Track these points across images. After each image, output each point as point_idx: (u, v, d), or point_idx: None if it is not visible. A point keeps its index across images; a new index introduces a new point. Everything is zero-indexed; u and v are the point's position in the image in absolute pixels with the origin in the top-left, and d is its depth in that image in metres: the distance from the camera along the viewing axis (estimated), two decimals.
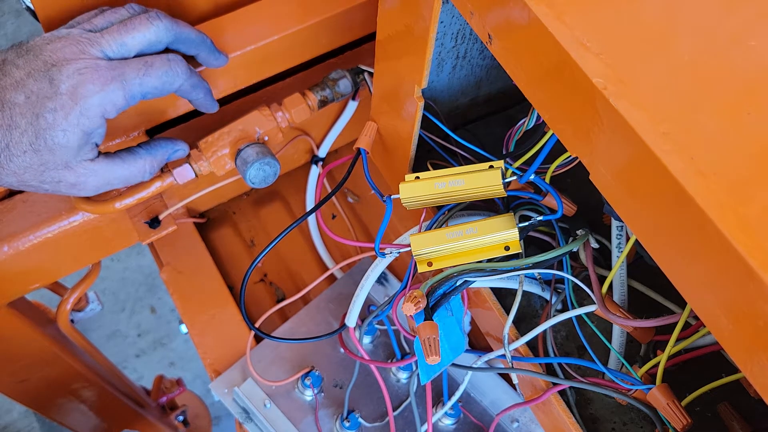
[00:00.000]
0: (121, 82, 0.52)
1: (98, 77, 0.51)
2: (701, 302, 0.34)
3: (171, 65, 0.55)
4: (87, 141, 0.53)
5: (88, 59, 0.52)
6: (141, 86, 0.54)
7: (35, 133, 0.50)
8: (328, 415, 0.71)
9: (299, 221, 0.61)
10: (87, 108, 0.51)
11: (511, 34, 0.40)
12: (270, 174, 0.68)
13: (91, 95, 0.51)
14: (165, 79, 0.55)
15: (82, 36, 0.53)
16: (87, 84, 0.51)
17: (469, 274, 0.51)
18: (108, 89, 0.52)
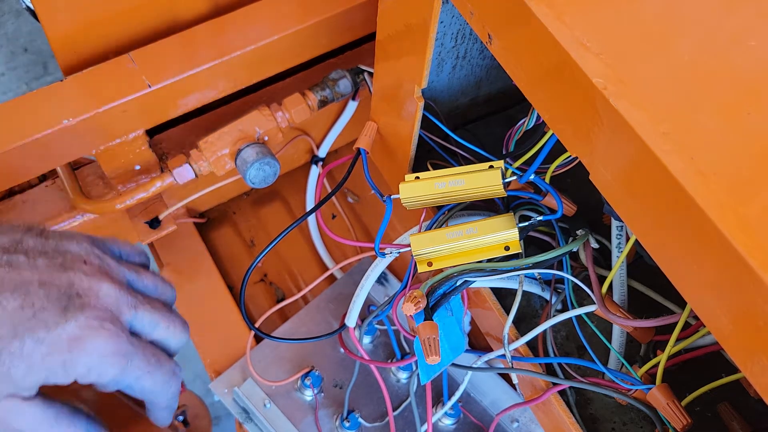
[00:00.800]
0: (127, 363, 0.43)
1: (111, 344, 0.41)
2: (701, 302, 0.34)
3: (171, 379, 0.46)
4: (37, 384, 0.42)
5: (116, 319, 0.42)
6: (137, 380, 0.44)
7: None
8: (328, 415, 0.71)
9: (299, 221, 0.61)
10: (73, 364, 0.40)
11: (511, 34, 0.40)
12: (270, 174, 0.68)
13: (87, 354, 0.41)
14: (159, 389, 0.46)
15: (125, 288, 0.44)
16: (95, 342, 0.41)
17: (469, 274, 0.50)
18: (107, 360, 0.41)
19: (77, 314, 0.40)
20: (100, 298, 0.42)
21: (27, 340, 0.38)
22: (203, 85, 0.68)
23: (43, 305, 0.39)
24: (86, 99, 0.63)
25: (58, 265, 0.42)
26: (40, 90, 0.64)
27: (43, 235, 0.44)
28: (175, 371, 0.47)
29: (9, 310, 0.39)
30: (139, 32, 0.70)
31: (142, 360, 0.44)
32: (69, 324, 0.40)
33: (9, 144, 0.61)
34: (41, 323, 0.39)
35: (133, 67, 0.66)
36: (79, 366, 0.40)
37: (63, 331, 0.39)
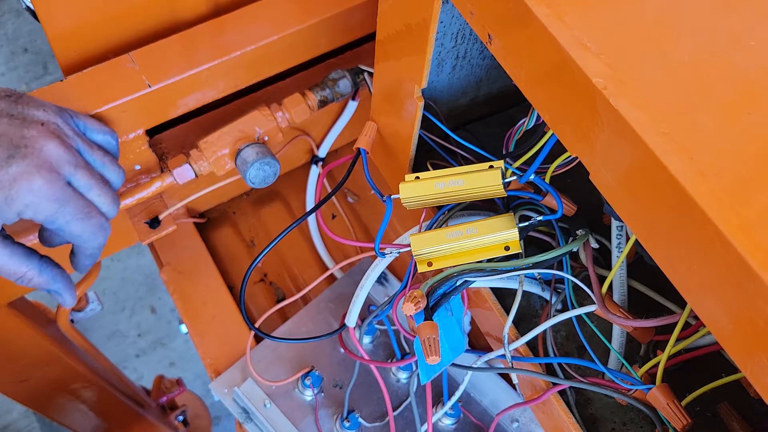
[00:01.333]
0: (58, 206, 0.50)
1: (46, 187, 0.49)
2: (701, 302, 0.34)
3: (99, 231, 0.53)
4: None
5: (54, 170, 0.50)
6: (67, 224, 0.51)
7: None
8: (328, 415, 0.71)
9: (299, 221, 0.61)
10: (13, 198, 0.48)
11: (511, 34, 0.40)
12: (270, 174, 0.68)
13: (24, 193, 0.48)
14: (86, 237, 0.53)
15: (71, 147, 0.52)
16: (32, 183, 0.48)
17: (469, 274, 0.50)
18: (43, 200, 0.49)
19: (19, 160, 0.48)
20: (44, 151, 0.49)
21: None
22: (203, 85, 0.68)
23: (6, 139, 0.48)
24: (86, 99, 0.63)
25: (17, 124, 0.49)
26: (40, 90, 0.64)
27: (15, 99, 0.51)
28: (105, 226, 0.54)
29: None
30: (139, 32, 0.70)
31: (75, 207, 0.51)
32: (11, 167, 0.47)
33: None
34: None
35: (133, 67, 0.66)
36: (18, 201, 0.48)
37: (6, 173, 0.47)
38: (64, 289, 0.56)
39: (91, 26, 0.67)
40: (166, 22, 0.71)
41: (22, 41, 2.42)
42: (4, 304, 0.74)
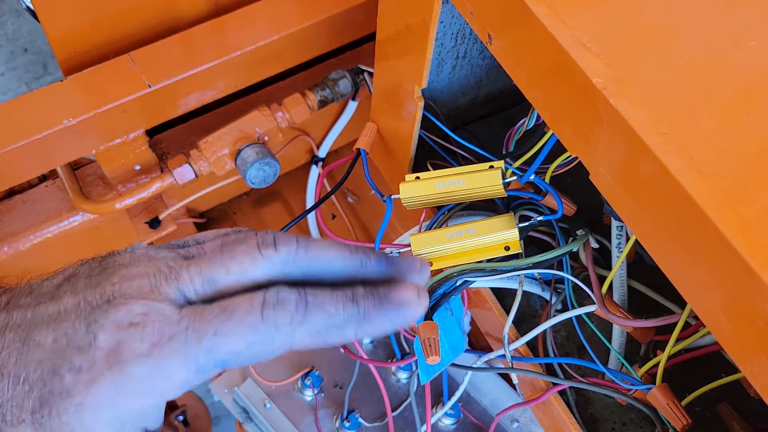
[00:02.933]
0: (182, 345, 0.33)
1: (150, 334, 0.33)
2: (701, 302, 0.34)
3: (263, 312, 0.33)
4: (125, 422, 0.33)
5: (152, 305, 0.33)
6: (211, 353, 0.33)
7: (41, 398, 0.32)
8: (328, 415, 0.71)
9: (298, 219, 0.61)
10: (124, 380, 0.32)
11: (511, 34, 0.40)
12: (270, 174, 0.68)
13: (131, 361, 0.32)
14: (252, 338, 0.33)
15: (168, 263, 0.35)
16: (133, 342, 0.32)
17: (469, 274, 0.50)
18: (159, 356, 0.32)
19: (103, 321, 0.33)
20: (131, 292, 0.34)
21: (64, 374, 0.32)
22: (203, 85, 0.68)
23: (75, 329, 0.33)
24: (86, 99, 0.63)
25: (99, 282, 0.35)
26: (40, 90, 0.64)
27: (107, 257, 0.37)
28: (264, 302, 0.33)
29: (47, 347, 0.33)
30: (139, 32, 0.70)
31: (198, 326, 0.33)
32: (98, 339, 0.32)
33: (9, 144, 0.61)
34: (74, 349, 0.32)
35: (133, 67, 0.66)
36: (135, 381, 0.32)
37: (96, 348, 0.32)
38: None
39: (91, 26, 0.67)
40: (166, 22, 0.71)
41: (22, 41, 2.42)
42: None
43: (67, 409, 0.32)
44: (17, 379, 0.32)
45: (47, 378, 0.32)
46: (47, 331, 0.33)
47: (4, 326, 0.33)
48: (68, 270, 0.36)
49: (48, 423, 0.32)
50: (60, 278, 0.36)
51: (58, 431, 0.32)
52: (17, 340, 0.33)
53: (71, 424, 0.32)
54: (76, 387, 0.32)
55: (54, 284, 0.35)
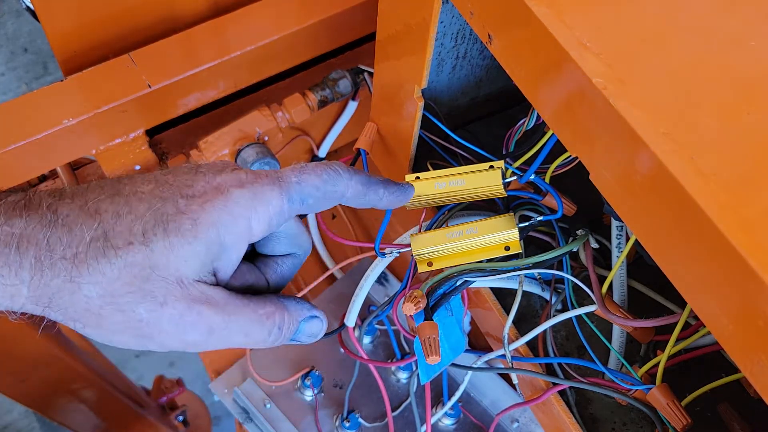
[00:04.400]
0: (278, 178, 0.39)
1: (250, 172, 0.39)
2: (701, 302, 0.34)
3: (331, 164, 0.41)
4: (213, 257, 0.36)
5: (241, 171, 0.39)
6: (299, 186, 0.39)
7: (155, 219, 0.35)
8: (328, 415, 0.71)
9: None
10: (235, 201, 0.37)
11: (511, 34, 0.40)
12: None
13: (241, 187, 0.37)
14: (326, 177, 0.40)
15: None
16: (239, 175, 0.38)
17: (469, 274, 0.50)
18: (263, 184, 0.38)
19: (207, 172, 0.38)
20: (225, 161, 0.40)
21: (178, 200, 0.35)
22: (203, 85, 0.68)
23: (175, 177, 0.37)
24: (86, 99, 0.63)
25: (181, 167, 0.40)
26: (40, 90, 0.64)
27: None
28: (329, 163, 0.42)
29: (147, 191, 0.36)
30: (139, 32, 0.70)
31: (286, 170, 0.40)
32: (207, 175, 0.38)
33: (9, 144, 0.61)
34: (182, 185, 0.36)
35: (133, 67, 0.66)
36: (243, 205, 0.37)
37: (206, 183, 0.37)
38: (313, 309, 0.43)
39: (91, 26, 0.67)
40: (166, 22, 0.71)
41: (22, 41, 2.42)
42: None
43: (183, 224, 0.34)
44: (116, 214, 0.34)
45: (158, 205, 0.35)
46: (145, 184, 0.36)
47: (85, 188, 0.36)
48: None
49: (162, 239, 0.34)
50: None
51: (170, 247, 0.34)
52: (107, 192, 0.35)
53: (186, 238, 0.34)
54: (190, 207, 0.35)
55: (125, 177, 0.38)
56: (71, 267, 0.33)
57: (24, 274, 0.33)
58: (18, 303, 0.34)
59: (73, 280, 0.33)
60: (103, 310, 0.34)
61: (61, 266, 0.33)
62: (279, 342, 0.40)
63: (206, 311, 0.36)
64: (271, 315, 0.39)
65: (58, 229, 0.33)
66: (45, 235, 0.33)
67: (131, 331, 0.35)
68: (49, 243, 0.33)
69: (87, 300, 0.33)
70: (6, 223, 0.33)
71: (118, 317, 0.34)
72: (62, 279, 0.33)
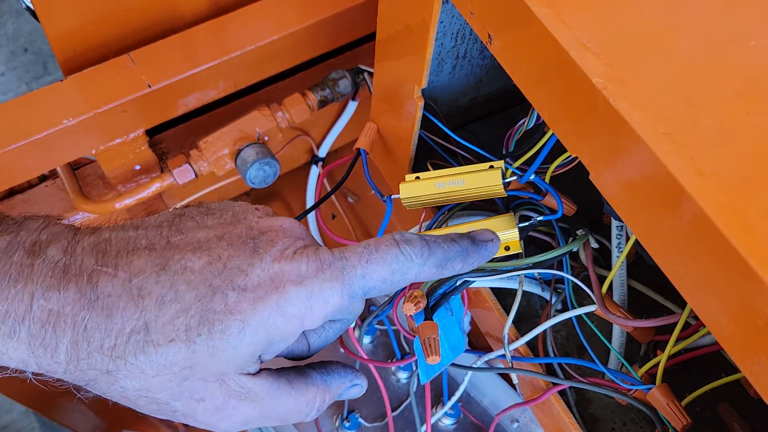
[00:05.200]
0: (341, 269, 0.36)
1: (314, 260, 0.36)
2: (701, 302, 0.34)
3: (401, 247, 0.38)
4: (259, 352, 0.35)
5: (305, 240, 0.39)
6: (362, 279, 0.36)
7: (201, 315, 0.32)
8: (328, 415, 0.71)
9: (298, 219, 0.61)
10: (288, 300, 0.34)
11: (511, 34, 0.40)
12: (270, 174, 0.68)
13: (299, 282, 0.34)
14: (395, 268, 0.37)
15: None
16: (299, 265, 0.35)
17: (469, 274, 0.50)
18: (322, 278, 0.35)
19: (269, 248, 0.35)
20: (286, 229, 0.38)
21: (228, 293, 0.33)
22: (203, 85, 0.68)
23: (230, 254, 0.34)
24: (86, 99, 0.63)
25: (229, 220, 0.37)
26: (40, 90, 0.64)
27: (202, 204, 0.39)
28: (397, 239, 0.38)
29: (197, 269, 0.33)
30: (139, 32, 0.70)
31: (351, 254, 0.37)
32: (264, 260, 0.34)
33: (9, 144, 0.61)
34: (236, 270, 0.33)
35: (133, 67, 0.66)
36: (299, 304, 0.34)
37: (261, 270, 0.34)
38: (356, 378, 0.42)
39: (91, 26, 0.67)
40: (166, 22, 0.71)
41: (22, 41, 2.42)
42: None
43: (230, 326, 0.32)
44: (161, 299, 0.32)
45: (206, 297, 0.32)
46: (195, 256, 0.33)
47: (132, 248, 0.33)
48: (165, 214, 0.37)
49: (206, 341, 0.32)
50: (168, 215, 0.36)
51: (213, 350, 0.32)
52: (153, 263, 0.33)
53: (230, 343, 0.32)
54: (240, 304, 0.32)
55: (166, 218, 0.36)
56: (108, 360, 0.32)
57: (60, 357, 0.32)
58: (53, 377, 0.34)
59: (110, 373, 0.32)
60: (139, 400, 0.33)
61: (98, 358, 0.32)
62: (320, 412, 0.40)
63: (243, 406, 0.35)
64: (312, 401, 0.38)
65: (97, 311, 0.32)
66: (84, 319, 0.32)
67: (166, 415, 0.34)
68: (87, 329, 0.32)
69: (123, 390, 0.33)
70: (43, 296, 0.31)
71: (154, 406, 0.34)
72: (98, 370, 0.32)
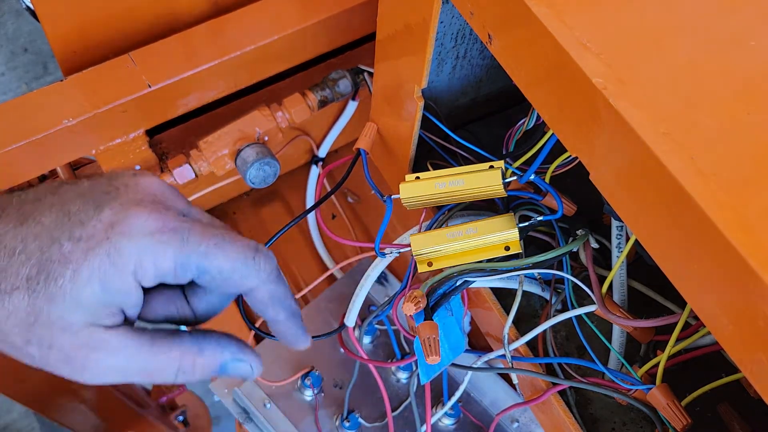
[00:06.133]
0: (181, 237, 0.35)
1: (155, 218, 0.35)
2: (701, 302, 0.34)
3: (257, 255, 0.37)
4: (106, 302, 0.35)
5: (160, 200, 0.37)
6: (203, 258, 0.36)
7: (39, 264, 0.34)
8: (328, 415, 0.71)
9: (298, 219, 0.61)
10: (118, 251, 0.34)
11: (511, 34, 0.40)
12: (270, 174, 0.68)
13: (130, 235, 0.34)
14: (238, 266, 0.36)
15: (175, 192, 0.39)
16: (136, 219, 0.35)
17: (469, 274, 0.50)
18: (158, 238, 0.35)
19: (111, 203, 0.35)
20: (140, 185, 0.37)
21: (63, 243, 0.34)
22: (203, 85, 0.68)
23: (78, 209, 0.35)
24: (86, 99, 0.63)
25: (104, 181, 0.37)
26: (40, 90, 0.64)
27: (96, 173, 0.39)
28: (259, 248, 0.37)
29: (46, 223, 0.35)
30: (139, 32, 0.70)
31: (201, 232, 0.36)
32: (103, 213, 0.35)
33: (9, 144, 0.61)
34: (76, 222, 0.35)
35: (133, 67, 0.65)
36: (129, 254, 0.34)
37: (98, 220, 0.34)
38: (241, 351, 0.39)
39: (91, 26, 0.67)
40: (166, 22, 0.71)
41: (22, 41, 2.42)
42: None
43: (63, 274, 0.33)
44: (12, 251, 0.34)
45: (45, 247, 0.34)
46: (50, 212, 0.35)
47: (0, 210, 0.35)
48: (60, 181, 0.38)
49: (43, 288, 0.34)
50: (57, 183, 0.38)
51: (51, 297, 0.34)
52: (15, 219, 0.35)
53: (64, 289, 0.33)
54: (73, 254, 0.34)
55: (55, 184, 0.37)
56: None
57: None
58: None
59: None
60: (4, 345, 0.35)
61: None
62: (194, 380, 0.39)
63: (99, 357, 0.35)
64: (174, 361, 0.37)
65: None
66: None
67: (28, 361, 0.36)
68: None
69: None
70: None
71: (14, 352, 0.35)
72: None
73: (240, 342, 0.40)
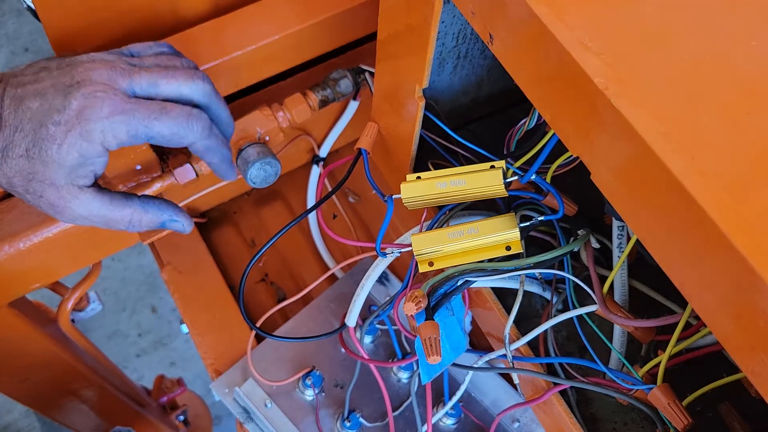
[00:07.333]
0: (129, 117, 0.50)
1: (108, 105, 0.50)
2: (702, 302, 0.34)
3: (189, 120, 0.53)
4: (82, 165, 0.51)
5: (110, 87, 0.51)
6: (147, 129, 0.51)
7: (34, 140, 0.49)
8: (329, 415, 0.71)
9: (299, 219, 0.61)
10: (88, 131, 0.50)
11: (512, 34, 0.40)
12: (271, 174, 0.68)
13: (94, 119, 0.50)
14: (176, 130, 0.52)
15: (120, 65, 0.53)
16: (95, 108, 0.50)
17: (470, 274, 0.50)
18: (113, 119, 0.50)
19: (76, 93, 0.50)
20: (93, 77, 0.51)
21: (49, 126, 0.49)
22: None
23: (53, 98, 0.50)
24: None
25: (68, 72, 0.51)
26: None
27: (66, 57, 0.53)
28: (192, 113, 0.53)
29: (34, 109, 0.50)
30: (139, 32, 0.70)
31: (144, 110, 0.51)
32: (72, 102, 0.49)
33: None
34: (54, 110, 0.49)
35: None
36: (95, 132, 0.50)
37: (70, 109, 0.49)
38: (176, 214, 0.58)
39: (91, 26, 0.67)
40: (167, 22, 0.71)
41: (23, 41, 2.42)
42: (5, 304, 0.74)
43: (50, 147, 0.49)
44: (16, 128, 0.50)
45: (37, 128, 0.49)
46: (34, 100, 0.50)
47: (2, 96, 0.50)
48: (41, 62, 0.53)
49: (38, 157, 0.50)
50: (36, 68, 0.52)
51: (44, 162, 0.50)
52: (13, 104, 0.50)
53: (53, 158, 0.50)
54: (57, 134, 0.49)
55: (33, 71, 0.52)
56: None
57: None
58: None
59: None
60: (10, 189, 0.52)
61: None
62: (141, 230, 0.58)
63: (73, 206, 0.52)
64: (126, 216, 0.55)
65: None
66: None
67: (27, 201, 0.52)
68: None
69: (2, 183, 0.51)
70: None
71: (17, 196, 0.53)
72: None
73: (176, 207, 0.59)
